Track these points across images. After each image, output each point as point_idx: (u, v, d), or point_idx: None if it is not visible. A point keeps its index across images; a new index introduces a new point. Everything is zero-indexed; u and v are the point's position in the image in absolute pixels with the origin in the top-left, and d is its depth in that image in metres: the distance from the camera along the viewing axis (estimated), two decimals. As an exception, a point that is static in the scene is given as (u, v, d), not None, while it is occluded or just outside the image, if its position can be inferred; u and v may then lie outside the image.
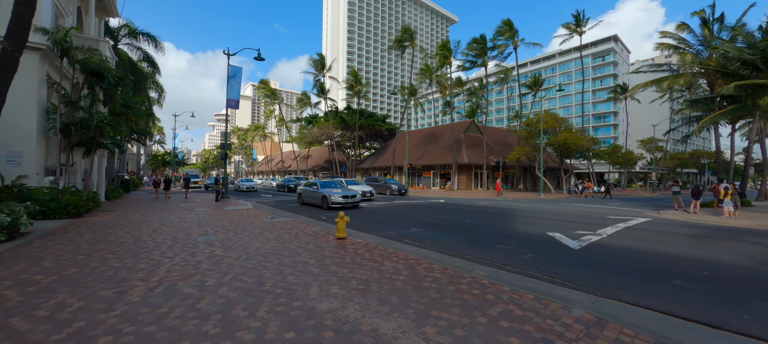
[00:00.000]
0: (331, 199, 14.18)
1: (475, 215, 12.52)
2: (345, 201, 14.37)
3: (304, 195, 16.64)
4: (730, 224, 11.60)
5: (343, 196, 14.41)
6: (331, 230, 8.26)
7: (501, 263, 5.68)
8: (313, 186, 16.40)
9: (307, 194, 16.51)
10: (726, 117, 15.75)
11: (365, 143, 61.86)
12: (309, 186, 16.80)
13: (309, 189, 16.52)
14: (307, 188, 16.80)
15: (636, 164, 53.52)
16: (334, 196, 14.27)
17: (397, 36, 36.22)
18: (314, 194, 15.68)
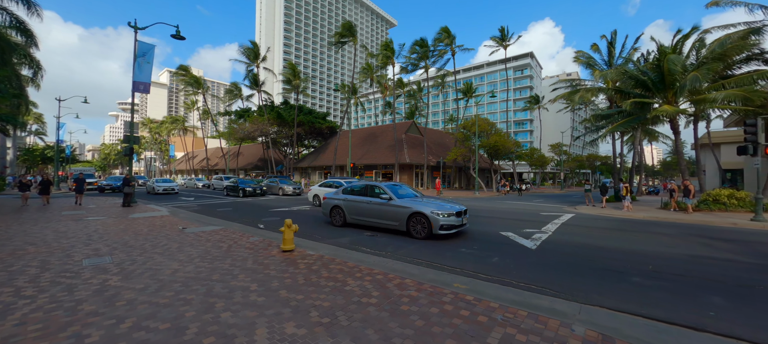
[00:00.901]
0: (438, 222, 7.40)
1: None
2: (460, 223, 7.83)
3: (349, 208, 9.30)
4: (631, 216, 13.58)
5: (457, 213, 7.74)
6: (273, 241, 6.98)
7: (472, 270, 5.29)
8: (367, 194, 9.08)
9: (355, 206, 9.17)
10: (624, 127, 18.71)
11: (304, 141, 58.85)
12: (356, 193, 9.39)
13: (357, 199, 9.14)
14: (352, 197, 9.32)
15: (547, 166, 61.70)
16: (440, 216, 7.46)
17: (337, 31, 34.95)
18: (381, 209, 8.53)
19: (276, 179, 27.52)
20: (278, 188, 24.52)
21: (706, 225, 11.07)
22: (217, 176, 33.62)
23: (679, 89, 15.80)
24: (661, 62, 16.42)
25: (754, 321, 3.52)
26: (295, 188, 24.19)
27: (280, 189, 24.15)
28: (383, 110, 67.48)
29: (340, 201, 9.64)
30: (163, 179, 27.07)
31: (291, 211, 13.96)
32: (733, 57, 15.94)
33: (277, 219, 11.33)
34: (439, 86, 49.61)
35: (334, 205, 9.80)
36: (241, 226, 9.22)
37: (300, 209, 14.57)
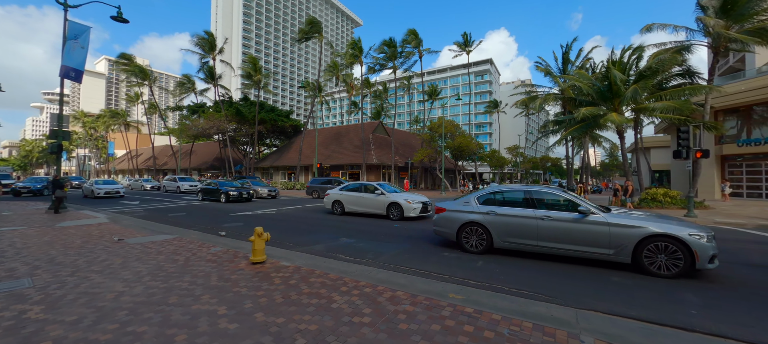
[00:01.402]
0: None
1: (397, 218, 12.06)
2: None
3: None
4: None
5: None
6: (240, 251, 6.23)
7: (461, 277, 5.08)
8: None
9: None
10: (579, 132, 20.23)
11: (265, 140, 55.98)
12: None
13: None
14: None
15: (505, 167, 65.30)
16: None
17: (302, 27, 33.63)
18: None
19: (246, 179, 25.32)
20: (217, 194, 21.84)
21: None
22: (170, 177, 30.50)
23: (624, 98, 17.36)
24: (609, 74, 17.93)
25: (732, 318, 3.69)
26: (270, 191, 21.96)
27: (253, 192, 21.25)
28: (349, 110, 66.62)
29: (489, 216, 8.88)
30: (104, 181, 23.20)
31: (255, 215, 12.94)
32: (667, 70, 17.88)
33: (240, 225, 10.35)
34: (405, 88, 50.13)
35: (477, 223, 7.29)
36: (199, 234, 8.21)
37: (265, 213, 13.57)
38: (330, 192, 13.74)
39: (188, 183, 28.38)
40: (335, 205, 13.33)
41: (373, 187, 12.79)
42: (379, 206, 12.12)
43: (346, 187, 13.58)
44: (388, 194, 12.11)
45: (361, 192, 12.88)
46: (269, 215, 12.87)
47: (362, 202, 12.59)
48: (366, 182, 13.31)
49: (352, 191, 13.14)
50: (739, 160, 23.07)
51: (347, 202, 12.98)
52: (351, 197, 12.96)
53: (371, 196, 12.43)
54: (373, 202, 12.29)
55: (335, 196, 13.41)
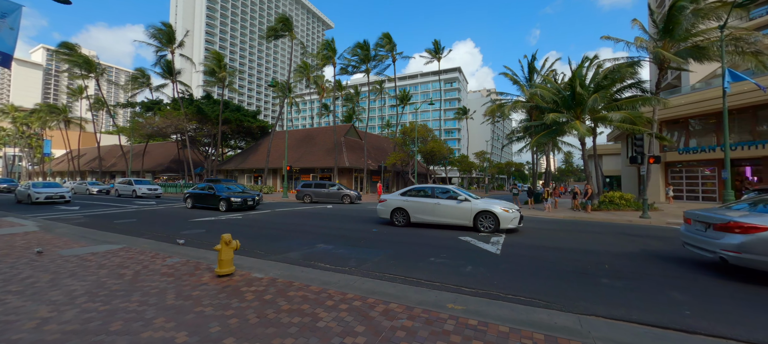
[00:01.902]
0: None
1: (375, 222, 11.64)
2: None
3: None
4: (555, 216, 15.16)
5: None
6: (202, 262, 5.44)
7: (454, 284, 4.77)
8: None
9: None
10: (547, 138, 21.17)
11: (229, 141, 52.90)
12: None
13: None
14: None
15: (472, 171, 67.53)
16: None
17: (272, 24, 32.29)
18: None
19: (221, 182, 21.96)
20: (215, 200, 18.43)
21: (616, 223, 12.85)
22: (124, 180, 27.19)
23: (585, 106, 18.45)
24: (572, 83, 18.99)
25: (724, 317, 3.71)
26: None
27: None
28: (320, 112, 65.27)
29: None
30: (44, 183, 19.72)
31: (219, 220, 11.83)
32: (622, 82, 19.33)
33: (202, 232, 9.32)
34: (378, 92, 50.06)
35: None
36: (151, 243, 7.18)
37: (231, 219, 12.48)
38: (388, 198, 11.04)
39: (146, 186, 25.41)
40: (397, 214, 10.65)
41: (453, 191, 10.35)
42: (463, 215, 9.71)
43: (410, 191, 10.89)
44: (474, 200, 9.87)
45: (435, 198, 10.27)
46: (235, 221, 11.83)
47: (438, 211, 10.05)
48: (439, 186, 10.72)
49: (422, 197, 10.49)
50: (678, 166, 25.54)
51: (415, 211, 10.37)
52: (420, 205, 10.33)
53: (451, 203, 9.94)
54: (454, 211, 9.85)
55: (396, 202, 10.68)
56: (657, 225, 12.43)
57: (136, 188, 25.02)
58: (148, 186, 25.67)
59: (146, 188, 25.19)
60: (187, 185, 34.27)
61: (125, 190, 25.82)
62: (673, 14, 17.05)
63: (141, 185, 25.47)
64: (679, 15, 16.91)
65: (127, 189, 25.71)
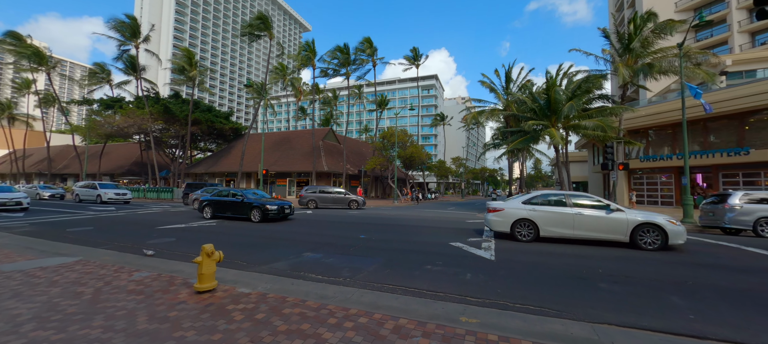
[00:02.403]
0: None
1: (361, 228, 11.27)
2: None
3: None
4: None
5: None
6: (177, 276, 4.83)
7: (458, 293, 4.54)
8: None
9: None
10: (524, 144, 21.90)
11: (198, 144, 50.14)
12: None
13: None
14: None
15: (449, 177, 68.81)
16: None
17: (250, 22, 31.10)
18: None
19: (225, 189, 18.53)
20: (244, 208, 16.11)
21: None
22: (87, 183, 24.33)
23: (561, 114, 19.28)
24: (549, 92, 19.79)
25: (723, 319, 3.76)
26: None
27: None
28: (296, 115, 63.79)
29: None
30: None
31: (190, 227, 10.91)
32: (593, 91, 20.44)
33: (171, 241, 8.49)
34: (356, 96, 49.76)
35: None
36: (113, 254, 6.37)
37: (203, 226, 11.57)
38: (506, 206, 9.11)
39: (113, 191, 22.74)
40: (520, 227, 8.83)
41: (597, 201, 8.56)
42: (616, 229, 8.00)
43: (535, 198, 9.04)
44: (626, 210, 8.25)
45: (573, 207, 8.47)
46: (208, 228, 10.97)
47: (580, 223, 8.26)
48: (575, 193, 8.95)
49: (554, 206, 8.67)
50: (639, 173, 27.36)
51: (547, 222, 8.57)
52: (553, 216, 8.54)
53: (598, 214, 8.22)
54: (603, 223, 8.12)
55: (519, 212, 8.85)
56: None
57: (102, 192, 22.41)
58: (116, 191, 23.02)
59: (113, 193, 22.51)
60: (151, 189, 31.90)
61: (88, 195, 23.11)
62: (636, 31, 18.29)
63: (107, 190, 22.82)
64: (642, 31, 18.18)
65: (90, 194, 23.01)
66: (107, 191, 22.55)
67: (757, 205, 11.22)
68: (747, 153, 20.09)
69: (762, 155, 19.45)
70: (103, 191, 22.56)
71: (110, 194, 22.32)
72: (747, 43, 34.89)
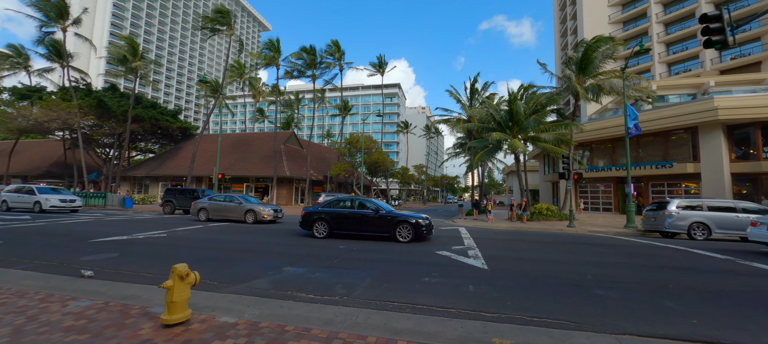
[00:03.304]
0: None
1: (334, 238, 10.59)
2: None
3: None
4: (500, 227, 16.13)
5: None
6: (132, 304, 3.87)
7: (470, 308, 4.22)
8: None
9: None
10: (489, 155, 22.82)
11: (139, 144, 44.79)
12: None
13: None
14: None
15: (411, 184, 69.96)
16: None
17: (209, 15, 28.68)
18: None
19: (221, 195, 16.62)
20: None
21: (554, 232, 14.11)
22: (18, 187, 19.37)
23: (523, 127, 20.45)
24: (511, 106, 20.91)
25: (723, 322, 3.91)
26: (276, 212, 15.43)
27: (248, 213, 14.74)
28: (254, 117, 60.38)
29: None
30: None
31: (135, 240, 9.32)
32: (553, 106, 22.04)
33: (113, 257, 7.08)
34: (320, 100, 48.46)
35: None
36: (36, 277, 5.03)
37: (153, 237, 9.99)
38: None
39: (58, 197, 18.34)
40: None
41: None
42: None
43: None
44: None
45: None
46: (159, 240, 9.47)
47: None
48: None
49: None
50: (584, 182, 30.13)
51: None
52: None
53: None
54: None
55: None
56: (584, 233, 14.00)
57: (41, 198, 17.76)
58: (61, 196, 18.53)
59: (58, 200, 18.15)
60: (79, 194, 27.48)
61: (20, 202, 18.33)
62: (587, 55, 20.17)
63: (49, 195, 18.20)
64: (591, 55, 20.10)
65: (23, 201, 18.27)
66: (49, 197, 18.00)
67: (690, 211, 12.74)
68: (671, 166, 23.10)
69: (682, 168, 22.49)
70: (43, 196, 17.91)
71: (54, 201, 17.96)
72: (665, 72, 40.74)
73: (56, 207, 18.03)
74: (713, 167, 21.43)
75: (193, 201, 17.41)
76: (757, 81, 29.29)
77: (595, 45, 19.94)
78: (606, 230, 15.06)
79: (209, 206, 15.58)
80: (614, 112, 33.62)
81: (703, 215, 12.43)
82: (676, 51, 39.98)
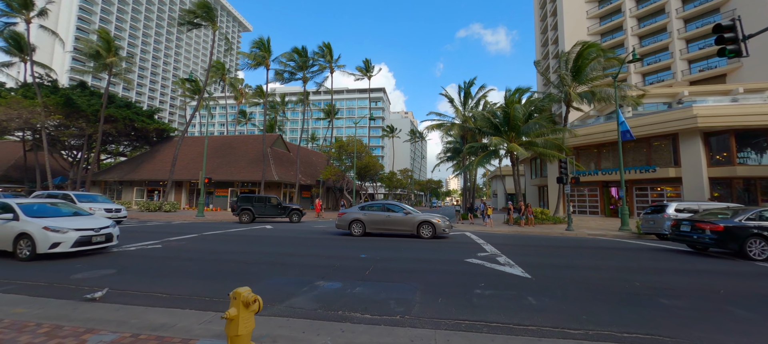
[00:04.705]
0: None
1: (351, 247, 10.01)
2: None
3: None
4: (502, 231, 16.08)
5: None
6: (167, 338, 3.19)
7: (549, 324, 3.84)
8: None
9: None
10: (487, 159, 22.93)
11: (108, 146, 41.77)
12: None
13: None
14: None
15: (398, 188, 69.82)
16: None
17: (191, 9, 27.21)
18: None
19: (377, 202, 14.06)
20: None
21: (558, 237, 14.16)
22: (53, 194, 15.20)
23: (520, 131, 20.69)
24: (508, 110, 21.13)
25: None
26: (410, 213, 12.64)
27: None
28: (236, 119, 58.27)
29: None
30: None
31: (127, 252, 8.30)
32: (548, 111, 22.47)
33: (109, 273, 6.15)
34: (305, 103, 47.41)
35: None
36: (30, 303, 4.17)
37: (143, 249, 8.97)
38: None
39: (103, 206, 14.78)
40: None
41: None
42: None
43: None
44: None
45: None
46: (153, 253, 8.50)
47: None
48: None
49: None
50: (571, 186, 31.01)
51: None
52: None
53: None
54: None
55: None
56: (585, 237, 14.04)
57: (83, 208, 12.34)
58: (107, 206, 15.06)
59: (104, 209, 14.57)
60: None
61: None
62: (580, 63, 20.76)
63: (93, 204, 14.41)
64: (583, 63, 20.71)
65: None
66: (93, 207, 14.01)
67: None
68: (654, 171, 24.16)
69: (665, 172, 23.56)
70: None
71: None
72: (640, 81, 43.03)
73: None
74: (693, 171, 22.59)
75: (339, 212, 13.71)
76: (725, 92, 31.44)
77: (586, 52, 20.54)
78: (603, 233, 15.31)
79: (365, 218, 12.46)
80: (596, 119, 34.96)
81: (701, 218, 12.86)
82: (650, 62, 42.40)
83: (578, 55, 21.02)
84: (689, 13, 38.93)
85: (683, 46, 39.80)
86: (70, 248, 7.13)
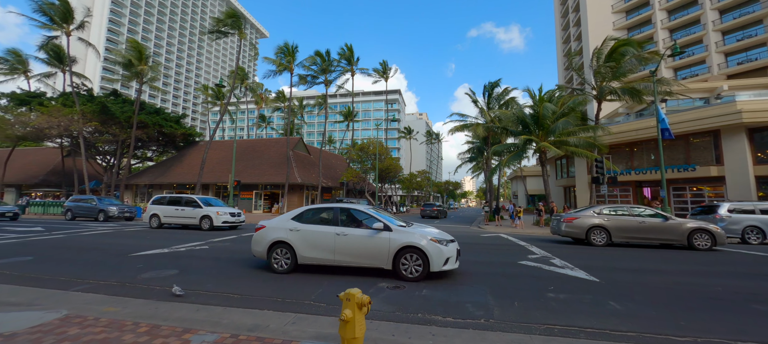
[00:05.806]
0: None
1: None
2: None
3: None
4: (534, 233, 15.60)
5: None
6: (267, 340, 3.18)
7: (650, 330, 3.59)
8: None
9: None
10: (516, 158, 22.41)
11: (137, 151, 43.49)
12: None
13: None
14: None
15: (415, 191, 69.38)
16: None
17: (219, 18, 27.99)
18: None
19: None
20: None
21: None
22: (177, 198, 16.04)
23: (550, 130, 20.08)
24: (536, 109, 20.57)
25: None
26: None
27: None
28: (256, 123, 59.61)
29: None
30: None
31: (176, 252, 8.51)
32: (579, 109, 21.76)
33: (172, 274, 6.29)
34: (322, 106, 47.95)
35: None
36: (112, 301, 4.29)
37: (194, 248, 9.17)
38: None
39: (228, 210, 15.41)
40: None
41: None
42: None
43: None
44: None
45: None
46: (200, 253, 8.67)
47: None
48: None
49: None
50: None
51: None
52: None
53: None
54: None
55: None
56: None
57: (210, 212, 14.74)
58: (230, 210, 15.58)
59: (229, 214, 15.23)
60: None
61: (182, 216, 15.14)
62: (615, 58, 19.98)
63: (220, 209, 15.29)
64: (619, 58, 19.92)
65: (186, 215, 15.12)
66: (220, 211, 14.96)
67: (742, 215, 12.37)
68: (694, 169, 22.93)
69: (706, 171, 22.32)
70: (212, 210, 14.81)
71: (225, 216, 14.85)
72: (671, 76, 41.11)
73: (228, 223, 14.98)
74: (738, 169, 21.29)
75: None
76: (767, 85, 29.59)
77: (621, 48, 19.76)
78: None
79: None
80: (625, 117, 33.65)
81: (757, 219, 12.09)
82: (681, 56, 40.45)
83: (612, 50, 20.25)
84: (725, 3, 36.92)
85: (719, 38, 37.74)
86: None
